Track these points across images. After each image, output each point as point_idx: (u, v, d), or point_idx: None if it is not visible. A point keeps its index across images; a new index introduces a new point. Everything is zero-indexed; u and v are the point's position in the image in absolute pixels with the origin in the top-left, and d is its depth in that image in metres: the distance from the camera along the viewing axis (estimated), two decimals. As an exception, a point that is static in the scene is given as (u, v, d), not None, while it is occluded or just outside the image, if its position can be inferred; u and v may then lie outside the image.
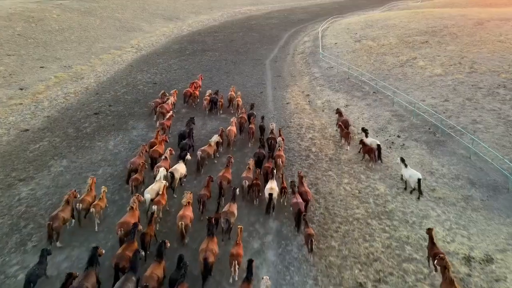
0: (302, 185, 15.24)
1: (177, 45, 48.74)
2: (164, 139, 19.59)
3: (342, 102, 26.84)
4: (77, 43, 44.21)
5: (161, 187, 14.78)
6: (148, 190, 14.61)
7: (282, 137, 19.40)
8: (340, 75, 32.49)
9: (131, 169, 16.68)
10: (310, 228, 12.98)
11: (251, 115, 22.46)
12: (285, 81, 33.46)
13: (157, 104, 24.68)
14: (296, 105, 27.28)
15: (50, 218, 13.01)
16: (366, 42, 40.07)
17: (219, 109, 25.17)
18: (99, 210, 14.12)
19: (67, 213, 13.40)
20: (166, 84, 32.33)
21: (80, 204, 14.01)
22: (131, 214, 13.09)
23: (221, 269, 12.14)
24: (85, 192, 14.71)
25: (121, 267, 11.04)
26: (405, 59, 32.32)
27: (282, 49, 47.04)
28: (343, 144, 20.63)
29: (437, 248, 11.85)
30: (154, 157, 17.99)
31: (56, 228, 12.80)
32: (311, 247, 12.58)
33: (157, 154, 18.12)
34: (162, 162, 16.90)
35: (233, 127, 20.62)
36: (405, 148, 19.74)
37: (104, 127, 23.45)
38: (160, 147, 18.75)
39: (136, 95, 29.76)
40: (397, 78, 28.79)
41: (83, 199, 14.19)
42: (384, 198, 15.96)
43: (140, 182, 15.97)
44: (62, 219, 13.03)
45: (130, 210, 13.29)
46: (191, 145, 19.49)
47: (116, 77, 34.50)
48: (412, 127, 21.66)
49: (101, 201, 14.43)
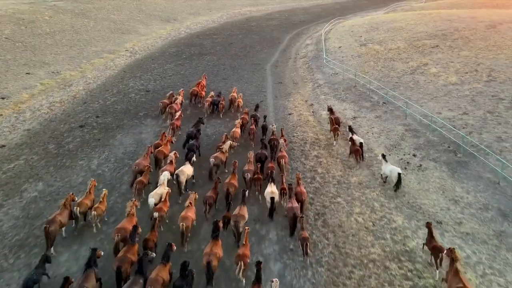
0: (298, 186, 15.10)
1: (174, 48, 46.63)
2: (170, 140, 19.30)
3: (349, 114, 24.70)
4: (68, 47, 42.11)
5: (164, 193, 14.49)
6: (152, 195, 14.36)
7: (284, 138, 19.51)
8: (345, 83, 30.33)
9: (136, 171, 16.31)
10: (305, 231, 12.88)
11: (253, 116, 22.37)
12: (286, 89, 31.32)
13: (165, 104, 24.59)
14: (299, 117, 25.14)
15: (47, 221, 12.71)
16: (372, 46, 37.90)
17: (220, 111, 24.78)
18: (100, 213, 13.89)
19: (64, 217, 13.18)
20: (160, 92, 30.22)
21: (78, 208, 13.73)
22: (129, 220, 12.94)
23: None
24: (84, 195, 14.42)
25: (123, 270, 10.94)
26: (415, 65, 30.16)
27: (283, 53, 44.91)
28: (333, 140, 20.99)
29: (435, 241, 12.14)
30: (159, 158, 17.68)
31: (52, 232, 12.50)
32: (306, 251, 12.49)
33: (162, 155, 17.82)
34: (168, 166, 16.60)
35: (237, 129, 20.56)
36: (422, 170, 17.59)
37: (89, 143, 21.33)
38: (166, 148, 18.42)
39: (127, 104, 27.64)
40: (408, 87, 26.63)
41: (81, 202, 13.95)
42: (403, 233, 13.83)
43: (145, 185, 15.62)
44: (59, 222, 12.78)
45: (127, 216, 13.14)
46: (197, 146, 19.09)
47: (107, 84, 32.39)
48: (429, 144, 19.51)
49: (101, 204, 14.10)
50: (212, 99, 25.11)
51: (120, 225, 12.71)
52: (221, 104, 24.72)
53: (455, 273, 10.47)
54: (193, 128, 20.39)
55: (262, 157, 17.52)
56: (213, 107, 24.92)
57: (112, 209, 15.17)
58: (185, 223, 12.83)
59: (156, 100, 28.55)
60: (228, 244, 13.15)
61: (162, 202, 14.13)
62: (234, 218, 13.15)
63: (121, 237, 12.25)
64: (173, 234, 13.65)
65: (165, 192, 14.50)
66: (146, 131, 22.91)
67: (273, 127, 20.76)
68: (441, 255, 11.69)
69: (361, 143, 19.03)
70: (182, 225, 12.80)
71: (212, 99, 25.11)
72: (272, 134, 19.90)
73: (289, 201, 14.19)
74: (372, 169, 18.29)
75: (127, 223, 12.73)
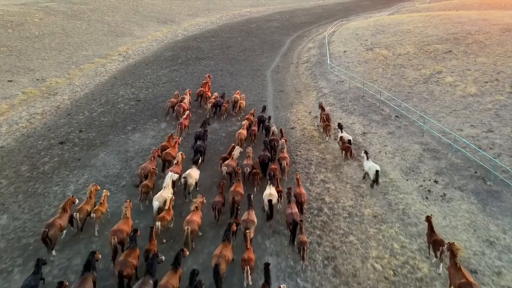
0: (298, 187, 14.69)
1: (170, 52, 44.31)
2: (177, 141, 19.03)
3: (358, 129, 22.34)
4: (57, 51, 39.79)
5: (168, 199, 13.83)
6: (156, 197, 14.02)
7: (284, 138, 19.37)
8: (352, 92, 27.97)
9: (142, 174, 15.88)
10: (304, 235, 12.41)
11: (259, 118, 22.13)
12: (288, 98, 28.98)
13: (173, 104, 24.45)
14: (302, 131, 22.80)
15: (46, 225, 12.41)
16: (380, 51, 35.55)
17: (222, 113, 24.54)
18: (99, 215, 13.58)
19: (64, 220, 12.93)
20: (152, 102, 27.92)
21: (78, 214, 13.31)
22: (125, 222, 12.65)
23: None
24: (85, 200, 14.06)
25: (125, 274, 10.74)
26: (428, 73, 27.80)
27: (284, 57, 42.56)
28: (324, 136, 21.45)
29: (435, 235, 12.19)
30: (168, 160, 17.37)
31: (52, 235, 12.24)
32: (303, 256, 11.97)
33: (171, 157, 17.49)
34: (174, 167, 16.33)
35: (244, 130, 20.46)
36: (447, 201, 15.24)
37: (67, 163, 19.01)
38: (173, 150, 18.06)
39: (115, 116, 25.31)
40: (422, 98, 24.27)
41: (81, 208, 13.55)
42: (431, 286, 11.48)
43: (150, 188, 15.21)
44: (58, 226, 12.54)
45: (123, 217, 12.79)
46: (204, 147, 18.82)
47: (95, 92, 30.08)
48: (452, 168, 17.16)
49: (101, 206, 13.84)
50: (216, 100, 24.77)
51: (115, 227, 12.35)
52: (224, 106, 24.50)
53: (456, 268, 10.45)
54: (201, 129, 20.31)
55: (265, 159, 17.08)
56: (216, 108, 24.50)
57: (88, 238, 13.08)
58: (191, 227, 12.42)
59: (146, 111, 26.28)
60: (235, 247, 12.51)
61: (165, 211, 13.36)
62: (244, 224, 12.68)
63: (117, 239, 11.99)
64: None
65: (169, 199, 13.78)
66: (133, 149, 20.60)
67: (273, 127, 20.64)
68: (441, 248, 11.70)
69: (349, 140, 19.31)
70: (187, 229, 12.35)
71: (216, 100, 24.77)
72: (272, 134, 19.80)
73: (288, 206, 13.58)
74: (388, 197, 15.95)
75: (123, 225, 12.48)
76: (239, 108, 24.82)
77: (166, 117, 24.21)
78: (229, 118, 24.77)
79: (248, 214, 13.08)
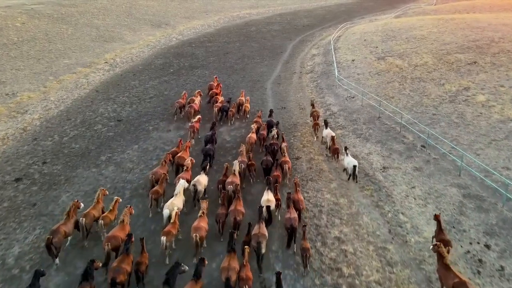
0: (296, 193, 14.53)
1: (161, 60, 40.61)
2: (188, 145, 18.75)
3: (377, 160, 18.55)
4: (36, 60, 36.08)
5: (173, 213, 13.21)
6: (167, 205, 13.70)
7: (285, 143, 19.03)
8: (366, 111, 24.19)
9: (153, 180, 15.59)
10: (307, 242, 12.31)
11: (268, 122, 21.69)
12: (291, 117, 25.20)
13: (181, 104, 24.06)
14: (309, 163, 19.04)
15: (50, 232, 12.08)
16: (393, 61, 31.78)
17: (229, 118, 23.81)
18: (108, 222, 13.20)
19: (69, 227, 12.54)
20: (134, 122, 24.21)
21: (84, 219, 12.84)
22: (121, 228, 12.32)
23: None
24: (92, 205, 13.66)
25: (119, 281, 10.35)
26: (453, 89, 24.02)
27: (286, 66, 38.79)
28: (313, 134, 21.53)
29: (444, 234, 11.97)
30: (180, 164, 17.08)
31: (56, 243, 11.82)
32: (306, 263, 11.83)
33: (183, 161, 17.15)
34: (183, 173, 16.07)
35: (253, 134, 20.06)
36: (507, 278, 11.45)
37: (18, 211, 15.26)
38: (185, 154, 17.83)
39: (89, 141, 21.58)
40: (451, 122, 20.50)
41: (87, 214, 13.09)
42: None
43: (160, 194, 14.95)
44: (63, 233, 12.16)
45: (120, 223, 12.50)
46: (213, 150, 18.67)
47: (71, 110, 26.37)
48: (506, 226, 13.38)
49: (111, 213, 13.46)
50: (222, 105, 24.04)
51: (111, 234, 12.04)
52: (230, 111, 23.72)
53: (447, 269, 10.30)
54: (210, 132, 19.94)
55: (268, 164, 16.91)
56: (223, 114, 23.79)
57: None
58: (199, 234, 12.20)
59: (127, 134, 22.60)
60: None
61: (170, 224, 12.69)
62: (256, 238, 12.05)
63: (111, 246, 11.71)
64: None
65: (174, 212, 13.15)
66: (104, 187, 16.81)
67: (273, 131, 20.13)
68: (448, 248, 11.42)
69: (332, 137, 19.33)
70: (195, 236, 12.16)
71: (222, 105, 24.04)
72: (272, 138, 19.57)
73: (288, 211, 13.45)
74: (425, 268, 12.16)
75: (119, 231, 12.13)
76: (245, 111, 24.34)
77: (174, 118, 24.07)
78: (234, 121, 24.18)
79: (259, 228, 12.43)
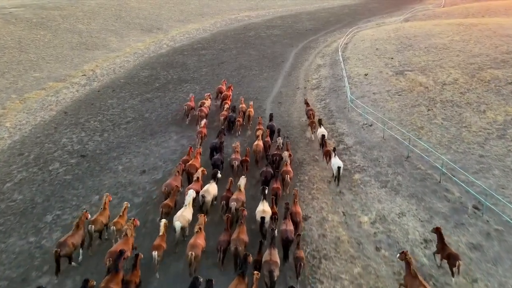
0: (294, 205, 13.93)
1: (147, 71, 35.93)
2: (199, 152, 17.99)
3: (413, 228, 13.70)
4: (0, 73, 31.38)
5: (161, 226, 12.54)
6: (177, 217, 13.17)
7: (289, 152, 18.08)
8: (390, 147, 19.37)
9: (166, 192, 15.01)
10: (301, 251, 11.83)
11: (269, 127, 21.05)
12: (296, 151, 20.40)
13: (190, 107, 23.70)
14: (321, 226, 14.24)
15: (58, 244, 11.74)
16: (415, 77, 27.00)
17: (237, 128, 22.34)
18: (119, 227, 12.95)
19: (77, 238, 12.15)
20: (101, 159, 19.56)
21: (92, 226, 12.70)
22: (124, 242, 11.89)
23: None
24: (98, 212, 13.44)
25: None
26: (500, 119, 19.24)
27: (288, 79, 34.05)
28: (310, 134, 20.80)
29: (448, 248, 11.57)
30: (192, 172, 16.44)
31: (65, 255, 11.60)
32: (299, 272, 11.39)
33: (195, 169, 16.60)
34: (193, 184, 15.35)
35: (260, 142, 19.25)
36: None
37: None
38: (196, 161, 17.20)
39: (36, 191, 16.87)
40: (508, 170, 15.70)
41: (95, 220, 12.96)
42: None
43: (171, 208, 14.22)
44: (71, 245, 11.78)
45: (124, 236, 12.10)
46: (222, 160, 17.78)
47: (27, 141, 21.70)
48: None
49: (121, 219, 13.29)
50: (228, 115, 22.87)
51: (113, 248, 11.59)
52: (238, 121, 22.36)
53: (413, 276, 10.34)
54: (217, 140, 19.23)
55: (268, 175, 16.17)
56: (230, 124, 22.47)
57: None
58: (195, 252, 11.52)
59: (89, 178, 17.97)
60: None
61: (159, 237, 12.14)
62: (267, 267, 10.96)
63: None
64: None
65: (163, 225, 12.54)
66: (39, 269, 12.12)
67: (279, 140, 19.02)
68: (457, 262, 11.01)
69: (323, 135, 19.10)
70: (191, 254, 11.48)
71: (228, 115, 22.87)
72: (277, 148, 18.59)
73: (284, 222, 12.95)
74: None
75: (122, 246, 11.62)
76: (249, 117, 23.63)
77: (186, 121, 23.54)
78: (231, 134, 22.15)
79: (270, 254, 11.37)
